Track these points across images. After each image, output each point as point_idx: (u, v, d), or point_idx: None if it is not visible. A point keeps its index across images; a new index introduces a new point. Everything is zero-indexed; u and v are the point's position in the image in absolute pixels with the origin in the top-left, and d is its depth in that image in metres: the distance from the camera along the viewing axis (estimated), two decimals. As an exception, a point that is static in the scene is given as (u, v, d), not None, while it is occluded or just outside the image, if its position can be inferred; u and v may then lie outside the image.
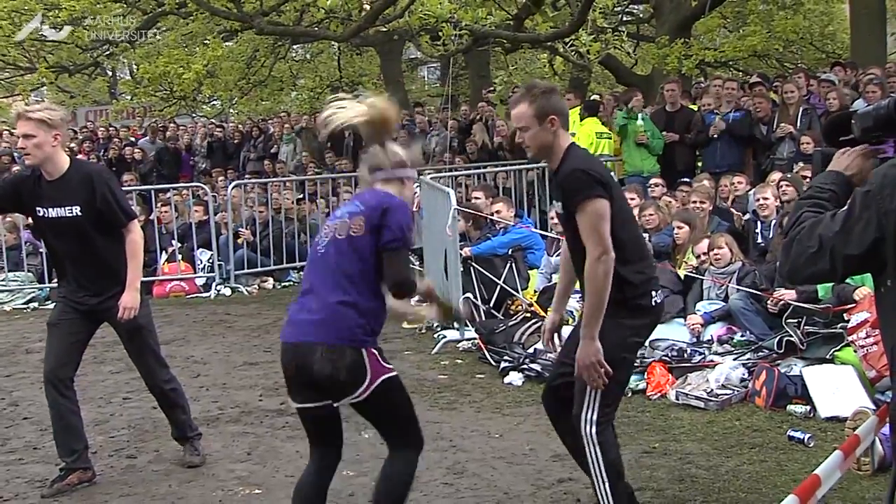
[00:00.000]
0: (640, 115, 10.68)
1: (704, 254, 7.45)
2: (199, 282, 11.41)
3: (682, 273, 7.56)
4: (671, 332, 7.03)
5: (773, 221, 7.68)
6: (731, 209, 8.84)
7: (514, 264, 8.71)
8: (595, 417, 3.81)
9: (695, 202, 8.42)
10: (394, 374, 3.67)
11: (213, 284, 11.25)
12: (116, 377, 7.19)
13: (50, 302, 10.54)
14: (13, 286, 11.09)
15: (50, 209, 4.93)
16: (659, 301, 4.00)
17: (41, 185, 4.95)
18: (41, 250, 11.01)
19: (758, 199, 7.94)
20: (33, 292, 11.10)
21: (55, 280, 5.31)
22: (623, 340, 3.89)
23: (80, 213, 4.93)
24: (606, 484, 3.80)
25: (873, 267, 2.27)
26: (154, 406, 6.40)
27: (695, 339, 6.97)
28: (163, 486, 5.08)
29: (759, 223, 7.89)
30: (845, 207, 2.27)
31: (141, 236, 5.11)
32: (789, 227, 2.41)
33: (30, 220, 6.32)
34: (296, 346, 3.60)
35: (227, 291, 11.23)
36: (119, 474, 5.29)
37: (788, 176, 8.33)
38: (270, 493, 4.91)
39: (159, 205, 11.92)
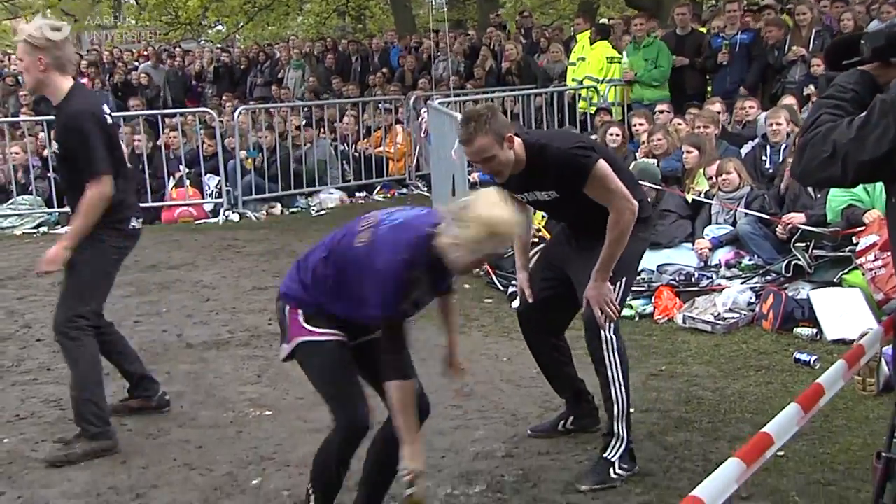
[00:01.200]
0: (624, 52, 10.62)
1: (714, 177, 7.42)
2: (208, 207, 11.41)
3: (690, 198, 7.53)
4: (679, 257, 7.04)
5: (784, 146, 7.62)
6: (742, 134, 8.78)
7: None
8: (613, 327, 4.02)
9: (698, 127, 8.35)
10: (317, 339, 3.39)
11: (221, 210, 11.26)
12: (127, 301, 7.24)
13: (59, 226, 10.60)
14: (23, 210, 11.11)
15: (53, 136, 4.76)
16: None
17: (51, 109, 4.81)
18: (49, 174, 11.02)
19: (770, 124, 7.86)
20: (42, 216, 11.12)
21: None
22: (630, 262, 4.14)
23: (58, 151, 4.74)
24: (623, 384, 4.03)
25: (885, 175, 2.25)
26: (164, 329, 6.47)
27: (702, 264, 6.97)
28: (174, 407, 5.15)
29: (768, 148, 7.82)
30: (863, 113, 2.24)
31: (101, 196, 4.41)
32: (805, 128, 2.38)
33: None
34: None
35: (235, 217, 11.24)
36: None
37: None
38: (281, 414, 4.97)
39: (167, 130, 11.86)
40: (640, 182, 7.24)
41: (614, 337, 4.02)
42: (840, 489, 3.83)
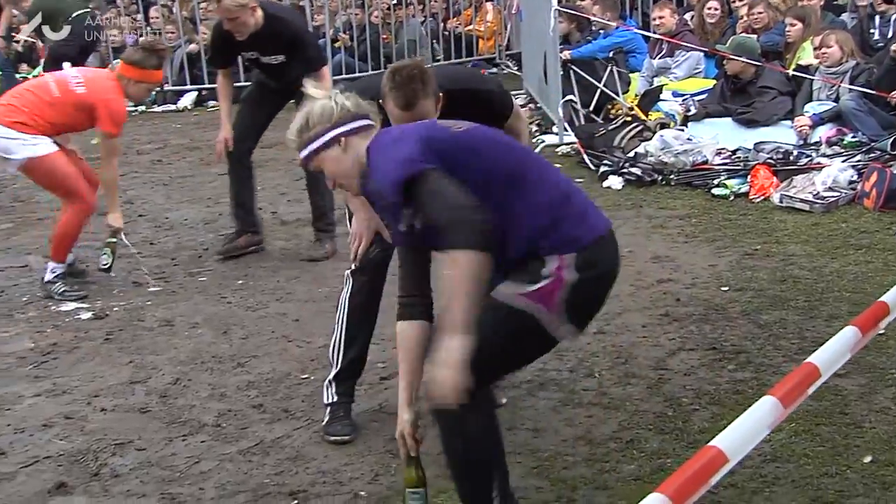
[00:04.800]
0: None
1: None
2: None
3: (791, 73, 7.27)
4: (776, 135, 6.84)
5: (893, 16, 7.24)
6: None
7: (614, 67, 8.48)
8: None
9: (802, -2, 8.00)
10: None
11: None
12: (224, 179, 7.36)
13: (157, 105, 10.81)
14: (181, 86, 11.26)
15: None
16: None
17: None
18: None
19: (879, -6, 7.48)
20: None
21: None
22: None
23: (283, 59, 5.46)
24: None
25: None
26: (259, 206, 6.58)
27: (802, 142, 6.76)
28: (271, 281, 5.29)
29: (877, 19, 7.45)
30: None
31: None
32: None
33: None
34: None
35: (331, 97, 11.25)
36: (229, 269, 5.52)
37: None
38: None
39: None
40: (736, 58, 7.03)
41: None
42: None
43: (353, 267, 3.52)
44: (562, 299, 2.50)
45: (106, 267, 5.26)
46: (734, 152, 6.86)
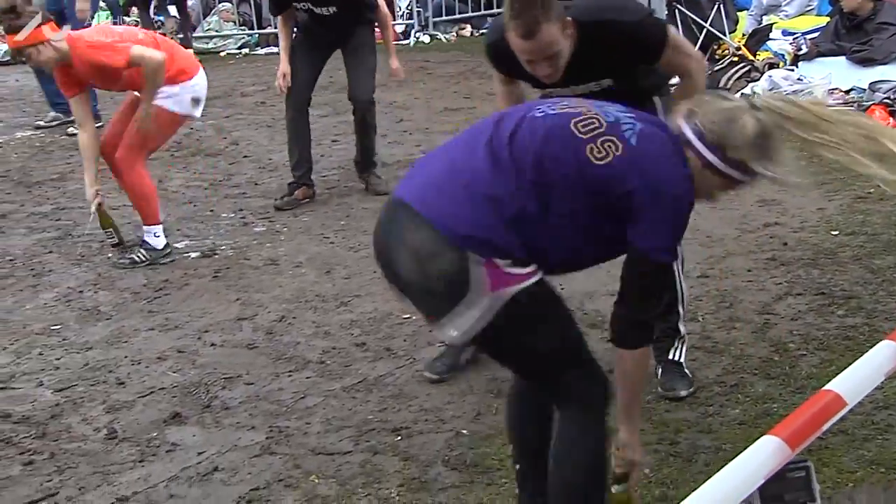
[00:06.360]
0: None
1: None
2: (399, 29, 11.44)
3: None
4: (894, 73, 6.57)
5: None
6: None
7: (721, 6, 8.22)
8: None
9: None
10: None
11: (412, 31, 11.26)
12: (324, 121, 7.45)
13: (260, 47, 10.96)
14: (226, 31, 11.46)
15: None
16: None
17: None
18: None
19: None
20: (244, 38, 11.44)
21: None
22: None
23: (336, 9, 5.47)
24: (683, 278, 3.42)
25: None
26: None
27: (921, 81, 6.49)
28: (372, 222, 5.28)
29: None
30: None
31: None
32: None
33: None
34: None
35: (426, 39, 11.23)
36: (331, 210, 5.60)
37: None
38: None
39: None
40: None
41: None
42: None
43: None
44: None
45: (116, 242, 4.99)
46: (847, 92, 6.62)
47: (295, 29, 5.67)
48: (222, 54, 11.18)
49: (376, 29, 5.86)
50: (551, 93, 2.93)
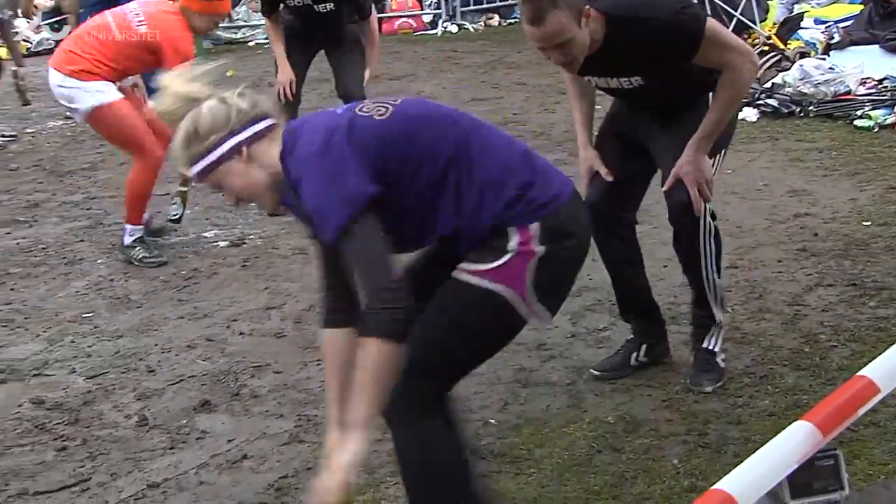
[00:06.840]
0: None
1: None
2: (426, 18, 11.44)
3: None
4: (929, 63, 6.51)
5: None
6: None
7: (753, -6, 8.16)
8: (711, 210, 3.23)
9: None
10: None
11: (440, 21, 11.26)
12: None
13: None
14: (254, 21, 11.49)
15: None
16: None
17: None
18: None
19: None
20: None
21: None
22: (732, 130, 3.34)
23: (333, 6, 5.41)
24: (720, 269, 3.30)
25: None
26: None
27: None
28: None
29: None
30: None
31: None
32: None
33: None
34: None
35: (454, 28, 11.22)
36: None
37: None
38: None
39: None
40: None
41: (712, 222, 3.21)
42: None
43: None
44: (530, 276, 2.16)
45: (175, 217, 5.04)
46: (881, 81, 6.54)
47: None
48: (251, 44, 11.24)
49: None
50: (591, 81, 3.02)
